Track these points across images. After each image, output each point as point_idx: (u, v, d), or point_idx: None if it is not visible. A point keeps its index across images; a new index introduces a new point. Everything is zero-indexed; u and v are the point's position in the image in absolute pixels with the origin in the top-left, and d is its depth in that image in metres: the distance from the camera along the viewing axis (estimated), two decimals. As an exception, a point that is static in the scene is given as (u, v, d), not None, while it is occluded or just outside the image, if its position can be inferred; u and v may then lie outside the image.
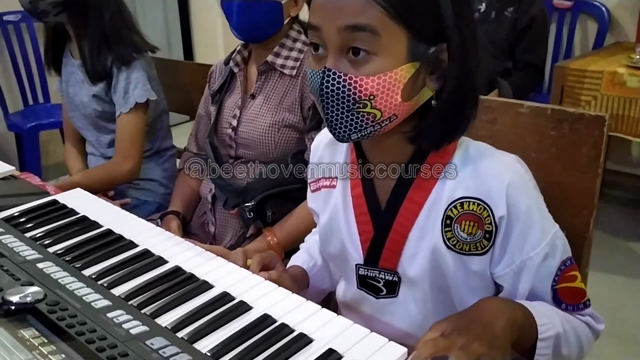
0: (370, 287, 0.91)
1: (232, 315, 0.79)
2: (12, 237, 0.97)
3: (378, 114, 0.78)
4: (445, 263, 0.83)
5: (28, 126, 2.95)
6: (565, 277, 0.83)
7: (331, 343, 0.74)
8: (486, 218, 0.80)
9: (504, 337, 0.72)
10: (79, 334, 0.71)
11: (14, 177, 1.34)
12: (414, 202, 0.85)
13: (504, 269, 0.82)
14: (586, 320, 0.85)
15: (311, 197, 1.01)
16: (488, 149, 0.87)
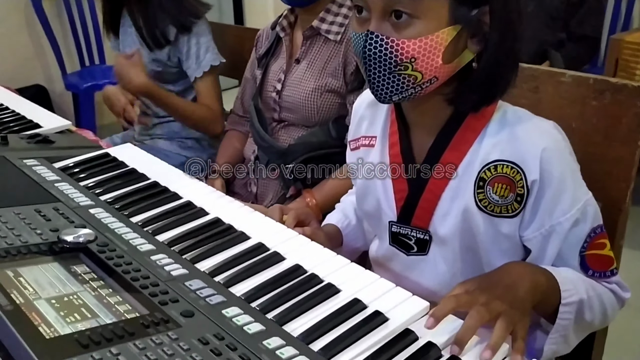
0: (401, 244, 0.94)
1: (266, 265, 0.84)
2: (67, 184, 1.04)
3: (419, 76, 0.80)
4: (475, 224, 0.85)
5: (84, 86, 3.06)
6: (594, 244, 0.84)
7: (357, 294, 0.78)
8: (519, 181, 0.82)
9: (525, 299, 0.74)
10: (125, 272, 0.78)
11: (70, 131, 1.42)
12: (449, 163, 0.87)
13: (533, 233, 0.84)
14: (612, 288, 0.86)
15: (350, 155, 1.04)
16: (526, 114, 0.88)
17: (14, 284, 0.71)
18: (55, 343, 0.61)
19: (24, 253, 0.78)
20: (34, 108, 1.52)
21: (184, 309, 0.71)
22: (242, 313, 0.72)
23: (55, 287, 0.73)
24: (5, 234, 0.82)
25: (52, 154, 1.19)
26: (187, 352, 0.63)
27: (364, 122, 1.01)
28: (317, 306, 0.76)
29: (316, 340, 0.70)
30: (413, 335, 0.71)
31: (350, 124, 1.06)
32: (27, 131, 1.36)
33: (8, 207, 0.91)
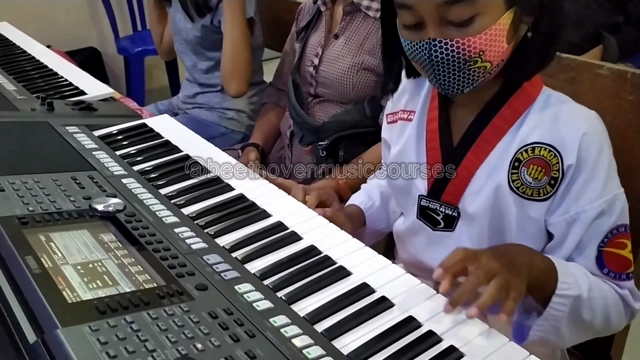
0: (428, 218, 0.95)
1: (283, 243, 0.87)
2: (104, 153, 1.10)
3: (488, 65, 0.81)
4: (505, 203, 0.86)
5: (135, 51, 3.14)
6: (615, 242, 0.84)
7: (366, 278, 0.80)
8: (554, 165, 0.83)
9: (522, 267, 0.76)
10: (148, 243, 0.82)
11: (114, 99, 1.47)
12: (487, 141, 0.88)
13: (558, 217, 0.84)
14: (623, 294, 0.85)
15: (386, 128, 1.05)
16: (569, 100, 0.89)
17: (45, 249, 0.77)
18: (76, 307, 0.66)
19: (56, 219, 0.84)
20: (81, 74, 1.58)
21: (199, 282, 0.75)
22: (254, 290, 0.76)
23: (83, 253, 0.78)
24: (41, 200, 0.88)
25: (93, 122, 1.25)
26: (196, 324, 0.67)
27: (405, 96, 1.01)
28: (327, 288, 0.79)
29: (321, 321, 0.73)
30: (416, 323, 0.73)
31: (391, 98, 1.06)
32: (73, 97, 1.42)
33: (47, 172, 0.97)
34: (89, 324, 0.63)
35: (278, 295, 0.77)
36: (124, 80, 3.40)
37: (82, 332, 0.62)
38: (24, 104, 1.29)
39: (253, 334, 0.67)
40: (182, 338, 0.64)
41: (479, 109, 0.88)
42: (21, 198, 0.87)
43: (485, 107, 0.88)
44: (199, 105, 1.99)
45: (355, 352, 0.68)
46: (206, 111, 1.97)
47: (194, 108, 1.99)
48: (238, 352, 0.64)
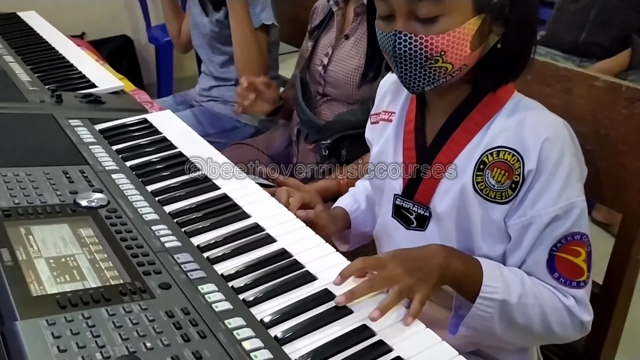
0: (402, 217, 0.98)
1: (255, 246, 0.89)
2: (101, 147, 1.13)
3: (449, 66, 0.83)
4: (470, 205, 0.88)
5: (165, 40, 3.19)
6: (569, 248, 0.84)
7: (330, 285, 0.81)
8: (517, 169, 0.84)
9: (431, 272, 0.81)
10: (123, 239, 0.85)
11: (124, 92, 1.52)
12: (456, 143, 0.90)
13: (515, 220, 0.86)
14: (568, 305, 0.85)
15: (369, 128, 1.08)
16: (537, 106, 0.90)
17: (22, 242, 0.81)
18: (38, 301, 0.70)
19: (39, 212, 0.88)
20: (96, 67, 1.63)
21: (163, 280, 0.78)
22: (216, 291, 0.78)
23: (58, 247, 0.81)
24: (28, 193, 0.92)
25: (98, 115, 1.29)
26: (150, 322, 0.69)
27: (387, 98, 1.04)
28: (289, 292, 0.81)
29: (277, 325, 0.74)
30: (369, 331, 0.74)
31: (375, 99, 1.08)
32: (85, 90, 1.47)
33: (40, 165, 1.01)
34: (47, 318, 0.67)
35: (240, 297, 0.79)
36: (155, 69, 3.47)
37: (39, 326, 0.65)
38: (35, 95, 1.34)
39: (205, 335, 0.69)
40: (133, 336, 0.67)
41: (451, 111, 0.90)
42: (10, 190, 0.91)
43: (457, 109, 0.90)
44: (213, 99, 2.02)
45: (303, 358, 0.70)
46: (220, 104, 2.00)
47: (209, 101, 2.03)
48: (185, 352, 0.66)
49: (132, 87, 1.63)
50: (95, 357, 0.63)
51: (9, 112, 1.21)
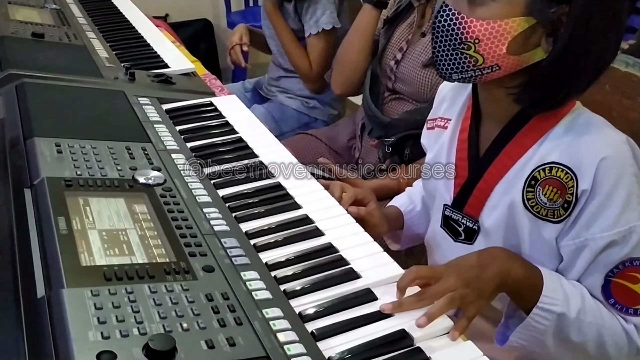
0: (451, 228, 0.96)
1: (302, 237, 0.89)
2: (165, 127, 1.16)
3: (480, 59, 0.80)
4: (519, 221, 0.85)
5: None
6: (627, 274, 0.80)
7: (373, 284, 0.80)
8: (570, 188, 0.80)
9: (488, 281, 0.77)
10: (174, 219, 0.87)
11: (194, 75, 1.55)
12: (509, 157, 0.87)
13: (568, 241, 0.82)
14: (627, 328, 0.80)
15: (425, 133, 1.07)
16: (599, 122, 0.84)
17: (79, 212, 0.83)
18: (86, 271, 0.72)
19: (98, 185, 0.90)
20: (171, 48, 1.66)
21: (207, 263, 0.78)
22: (258, 279, 0.78)
23: (112, 220, 0.84)
24: (91, 165, 0.95)
25: (167, 95, 1.32)
26: (190, 304, 0.70)
27: (444, 104, 1.02)
28: (331, 287, 0.80)
29: (314, 320, 0.74)
30: (408, 339, 0.72)
31: (433, 104, 1.06)
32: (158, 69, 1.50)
33: (106, 140, 1.04)
34: (91, 289, 0.68)
35: (281, 288, 0.78)
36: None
37: (83, 295, 0.67)
38: (110, 71, 1.38)
39: (241, 322, 0.69)
40: (171, 315, 0.68)
41: (505, 123, 0.87)
42: (74, 162, 0.95)
43: (511, 121, 0.86)
44: (282, 90, 2.04)
45: (337, 356, 0.69)
46: (289, 98, 2.02)
47: (278, 92, 2.05)
48: (220, 337, 0.66)
49: (204, 71, 1.66)
50: (132, 332, 0.64)
51: (84, 87, 1.25)
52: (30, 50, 1.39)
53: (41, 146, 0.96)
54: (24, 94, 1.14)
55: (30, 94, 1.14)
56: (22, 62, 1.29)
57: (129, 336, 0.63)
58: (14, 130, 1.02)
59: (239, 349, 0.66)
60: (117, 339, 0.63)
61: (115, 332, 0.64)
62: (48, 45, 1.46)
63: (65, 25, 1.65)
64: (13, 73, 1.22)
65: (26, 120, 1.05)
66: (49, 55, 1.39)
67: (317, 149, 1.75)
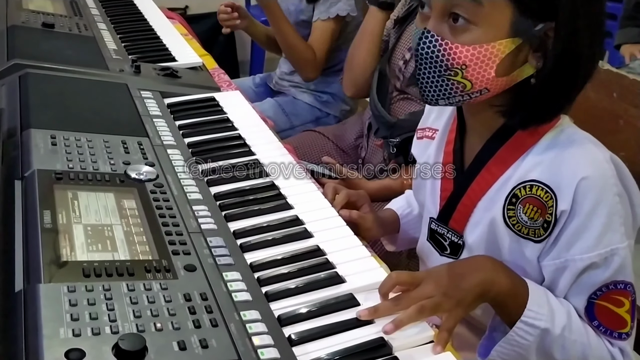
0: (437, 242, 0.94)
1: (290, 239, 0.88)
2: (164, 122, 1.16)
3: (468, 84, 0.77)
4: (501, 239, 0.83)
5: (261, 19, 3.22)
6: (611, 297, 0.77)
7: (356, 290, 0.79)
8: (549, 207, 0.78)
9: (468, 291, 0.75)
10: (161, 215, 0.86)
11: (201, 69, 1.54)
12: (491, 173, 0.85)
13: (549, 261, 0.80)
14: (612, 351, 0.78)
15: (415, 143, 1.05)
16: (582, 138, 0.81)
17: (67, 206, 0.83)
18: (65, 266, 0.72)
19: (89, 179, 0.90)
20: (180, 42, 1.66)
21: (190, 262, 0.78)
22: (240, 280, 0.77)
23: (99, 215, 0.84)
24: (84, 159, 0.95)
25: (170, 89, 1.32)
26: (166, 303, 0.70)
27: (433, 114, 1.01)
28: (314, 291, 0.79)
29: (292, 324, 0.73)
30: (386, 348, 0.71)
31: (423, 114, 1.05)
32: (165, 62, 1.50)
33: (102, 133, 1.04)
34: (68, 284, 0.68)
35: (263, 289, 0.78)
36: (249, 47, 3.52)
37: (59, 291, 0.67)
38: (116, 64, 1.38)
39: (217, 324, 0.69)
40: (146, 314, 0.67)
41: (488, 137, 0.84)
42: (67, 154, 0.95)
43: (494, 136, 0.84)
44: (295, 84, 2.02)
45: (311, 363, 0.68)
46: (302, 92, 2.01)
47: (290, 87, 2.04)
48: (193, 339, 0.66)
49: (214, 66, 1.66)
50: (104, 330, 0.64)
51: (86, 78, 1.26)
52: (39, 41, 1.40)
53: (36, 138, 0.97)
54: (26, 85, 1.14)
55: (32, 85, 1.14)
56: (28, 52, 1.30)
57: (100, 334, 0.63)
58: (12, 120, 1.03)
59: (211, 351, 0.65)
60: (87, 336, 0.63)
61: (87, 329, 0.63)
62: (57, 36, 1.47)
63: (77, 16, 1.66)
64: (18, 63, 1.23)
65: (25, 111, 1.05)
66: (56, 45, 1.40)
67: (324, 146, 1.74)
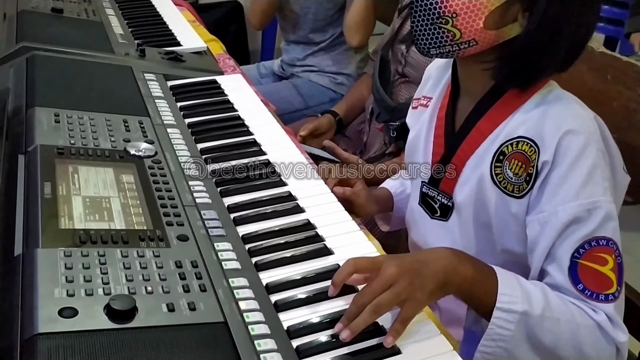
0: (428, 205, 0.97)
1: (282, 214, 0.91)
2: (166, 102, 1.19)
3: (457, 33, 0.81)
4: (488, 197, 0.85)
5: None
6: (594, 255, 0.76)
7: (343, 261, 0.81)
8: (533, 161, 0.80)
9: (428, 277, 0.71)
10: (158, 189, 0.89)
11: (205, 53, 1.57)
12: (480, 132, 0.88)
13: (532, 217, 0.81)
14: (599, 320, 0.75)
15: (410, 113, 1.07)
16: (569, 98, 0.84)
17: (67, 178, 0.87)
18: (63, 234, 0.75)
19: (89, 154, 0.94)
20: (185, 26, 1.69)
21: (183, 233, 0.81)
22: (230, 250, 0.80)
23: (97, 188, 0.87)
24: (85, 136, 0.99)
25: (174, 72, 1.35)
26: (158, 269, 0.73)
27: (429, 83, 1.03)
28: (302, 262, 0.81)
29: (279, 292, 0.76)
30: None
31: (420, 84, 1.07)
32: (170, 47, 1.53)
33: (104, 112, 1.07)
34: (64, 249, 0.72)
35: (252, 260, 0.81)
36: (260, 36, 3.55)
37: (55, 255, 0.71)
38: (122, 47, 1.42)
39: (205, 289, 0.72)
40: (137, 279, 0.70)
41: (479, 98, 0.87)
42: (70, 131, 0.98)
43: (484, 97, 0.87)
44: (310, 69, 2.04)
45: (294, 328, 0.70)
46: (319, 76, 2.02)
47: (304, 72, 2.05)
48: (181, 302, 0.69)
49: (220, 51, 1.69)
50: (97, 292, 0.67)
51: (91, 61, 1.29)
52: (47, 25, 1.44)
53: (40, 115, 1.00)
54: (33, 66, 1.18)
55: (39, 66, 1.18)
56: (36, 35, 1.34)
57: (92, 295, 0.67)
58: (18, 99, 1.07)
59: (199, 313, 0.68)
60: (81, 297, 0.66)
61: (81, 290, 0.67)
62: (65, 21, 1.50)
63: (86, 2, 1.69)
64: (26, 46, 1.27)
65: (31, 90, 1.09)
66: (64, 30, 1.44)
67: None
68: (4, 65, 1.21)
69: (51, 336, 0.61)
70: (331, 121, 1.73)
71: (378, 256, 0.77)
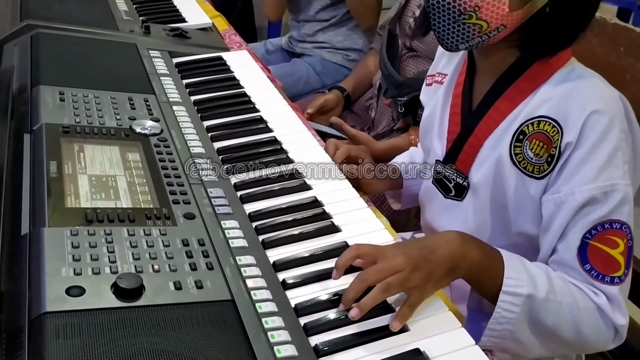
0: (442, 184, 0.95)
1: (289, 191, 0.90)
2: (171, 80, 1.18)
3: (484, 25, 0.79)
4: (506, 177, 0.84)
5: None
6: (606, 238, 0.76)
7: (351, 238, 0.81)
8: (555, 141, 0.78)
9: (437, 264, 0.70)
10: (164, 167, 0.89)
11: (211, 30, 1.55)
12: (499, 112, 0.85)
13: (548, 196, 0.79)
14: (599, 303, 0.75)
15: (424, 89, 1.05)
16: (592, 76, 0.82)
17: (73, 157, 0.86)
18: (69, 212, 0.75)
19: (95, 133, 0.93)
20: (190, 3, 1.67)
21: (189, 211, 0.81)
22: (237, 228, 0.80)
23: (104, 167, 0.87)
24: (91, 114, 0.98)
25: (179, 49, 1.34)
26: (164, 247, 0.73)
27: (443, 59, 1.01)
28: (309, 240, 0.81)
29: (287, 270, 0.75)
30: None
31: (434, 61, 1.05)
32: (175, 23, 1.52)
33: (109, 90, 1.07)
34: (71, 228, 0.72)
35: (260, 238, 0.80)
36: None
37: (62, 234, 0.71)
38: (126, 24, 1.40)
39: (212, 267, 0.72)
40: (144, 257, 0.70)
41: (497, 77, 0.85)
42: (75, 110, 0.98)
43: (503, 75, 0.84)
44: (321, 45, 2.01)
45: (302, 305, 0.70)
46: (330, 53, 2.00)
47: (315, 48, 2.02)
48: (188, 280, 0.69)
49: (225, 27, 1.67)
50: (104, 270, 0.67)
51: (97, 38, 1.28)
52: (51, 3, 1.42)
53: (45, 94, 1.00)
54: (38, 44, 1.17)
55: (43, 44, 1.17)
56: (41, 13, 1.33)
57: (100, 274, 0.66)
58: (23, 78, 1.06)
59: (206, 291, 0.68)
60: (88, 275, 0.66)
61: (88, 269, 0.67)
62: (70, -2, 1.49)
63: (90, -21, 1.68)
64: (30, 24, 1.26)
65: (35, 68, 1.08)
66: (68, 7, 1.42)
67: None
68: (9, 44, 1.20)
69: (59, 315, 0.61)
70: (339, 97, 1.71)
71: (383, 245, 0.74)
